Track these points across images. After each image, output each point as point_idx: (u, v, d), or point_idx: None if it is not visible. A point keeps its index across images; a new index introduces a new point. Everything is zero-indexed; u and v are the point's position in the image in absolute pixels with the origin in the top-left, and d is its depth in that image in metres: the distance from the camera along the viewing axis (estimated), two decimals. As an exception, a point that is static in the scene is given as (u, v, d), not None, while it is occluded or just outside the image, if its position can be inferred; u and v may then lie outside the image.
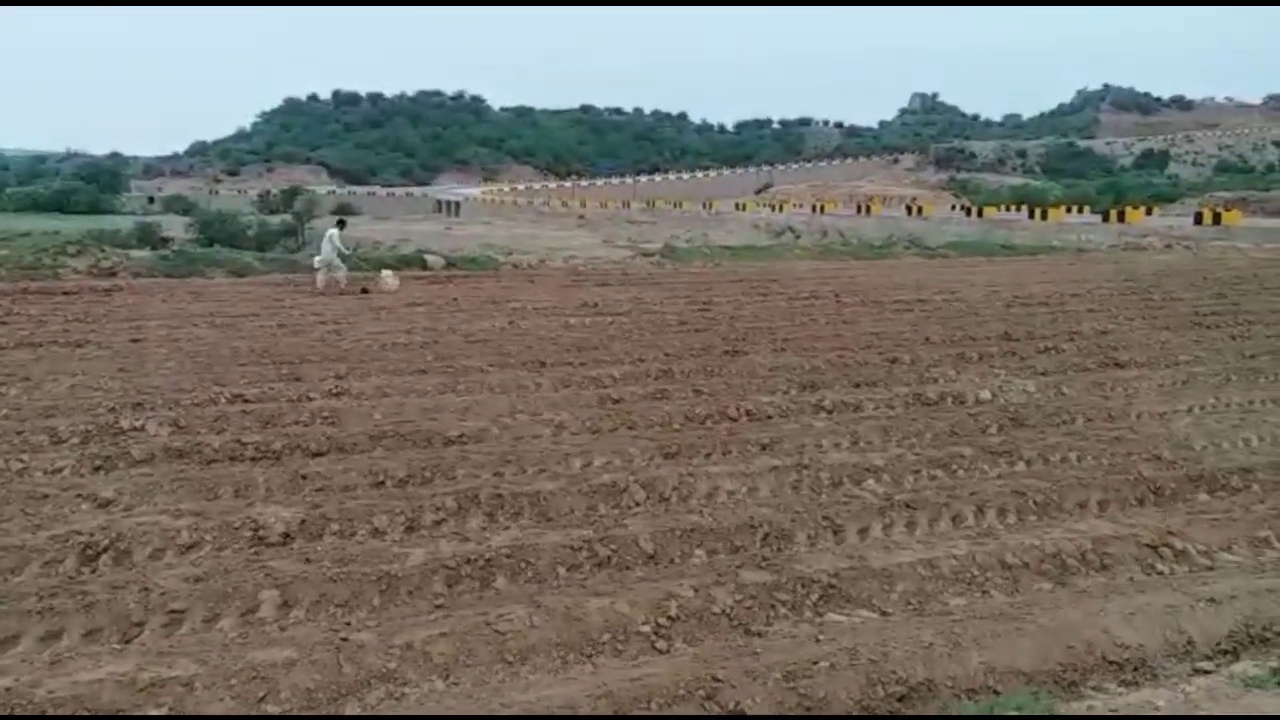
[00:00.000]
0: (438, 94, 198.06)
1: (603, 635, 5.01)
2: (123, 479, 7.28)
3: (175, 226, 29.14)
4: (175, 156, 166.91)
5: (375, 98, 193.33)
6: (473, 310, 16.23)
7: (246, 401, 9.58)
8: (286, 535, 6.32)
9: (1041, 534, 6.54)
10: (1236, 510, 7.12)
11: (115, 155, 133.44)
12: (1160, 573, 6.17)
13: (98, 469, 7.55)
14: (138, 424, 8.62)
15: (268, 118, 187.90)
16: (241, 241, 26.18)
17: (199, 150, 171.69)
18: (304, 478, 7.38)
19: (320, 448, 8.16)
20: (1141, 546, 6.39)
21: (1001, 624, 5.12)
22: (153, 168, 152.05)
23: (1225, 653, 5.11)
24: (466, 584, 5.67)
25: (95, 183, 64.77)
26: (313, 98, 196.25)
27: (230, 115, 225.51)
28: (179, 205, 53.04)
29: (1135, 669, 4.93)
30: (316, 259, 19.11)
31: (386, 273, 19.72)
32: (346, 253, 19.38)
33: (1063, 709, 4.13)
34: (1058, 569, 6.07)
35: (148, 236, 25.98)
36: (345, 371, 11.06)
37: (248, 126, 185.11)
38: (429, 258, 23.80)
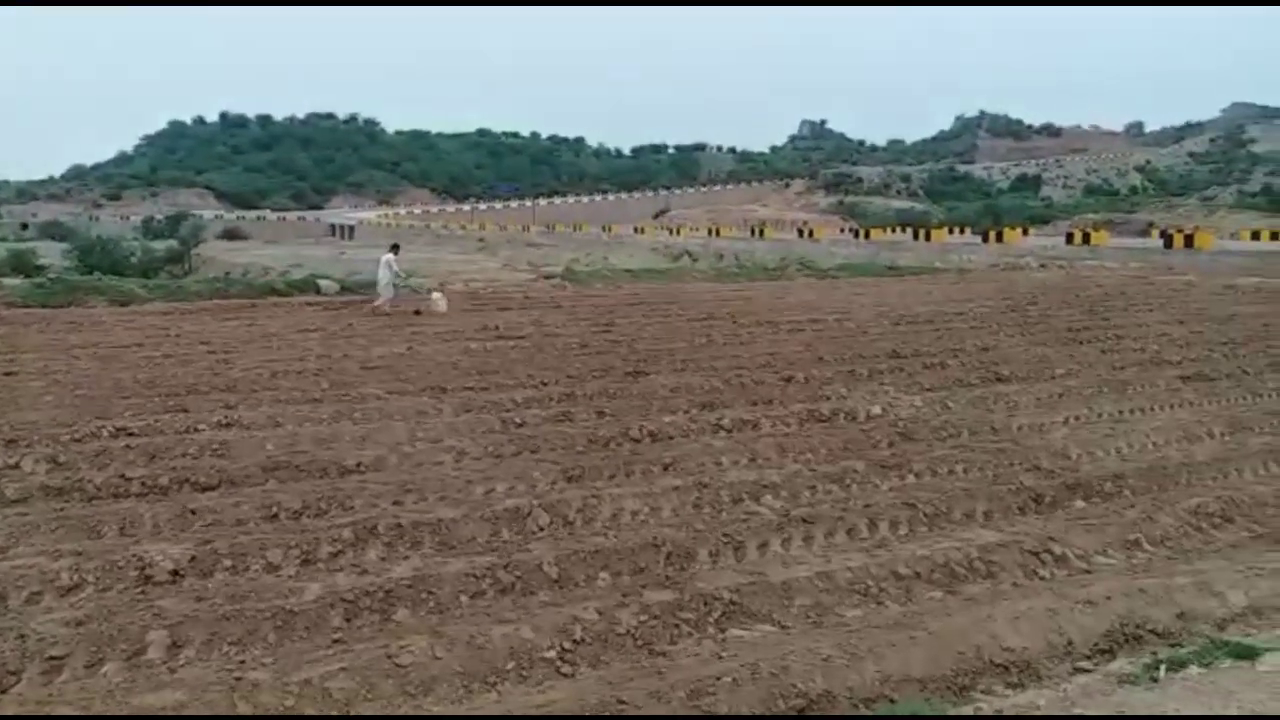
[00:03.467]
0: (329, 116, 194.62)
1: (507, 663, 4.99)
2: (-6, 521, 6.88)
3: (52, 253, 27.75)
4: (51, 180, 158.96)
5: (264, 120, 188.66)
6: (369, 336, 15.93)
7: (131, 435, 9.18)
8: (175, 573, 6.08)
9: (932, 544, 6.80)
10: (1110, 515, 7.53)
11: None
12: (1042, 577, 6.48)
13: (-35, 511, 7.12)
14: (12, 462, 8.17)
15: (151, 140, 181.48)
16: (125, 268, 25.17)
17: (77, 174, 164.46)
18: (193, 513, 7.12)
19: (210, 481, 7.89)
20: (1024, 553, 6.71)
21: (896, 633, 5.31)
22: (26, 192, 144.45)
23: (1103, 652, 5.40)
24: (366, 617, 5.55)
25: (-39, 208, 61.17)
26: (199, 120, 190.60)
27: (111, 138, 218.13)
28: (56, 231, 50.68)
29: (1020, 671, 5.17)
30: (378, 285, 19.63)
31: (437, 295, 19.90)
32: (402, 275, 19.90)
33: (952, 713, 4.29)
34: (947, 577, 6.32)
35: (22, 264, 24.74)
36: (235, 401, 10.71)
37: (129, 149, 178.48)
38: (322, 283, 23.28)
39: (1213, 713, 3.80)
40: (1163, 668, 4.58)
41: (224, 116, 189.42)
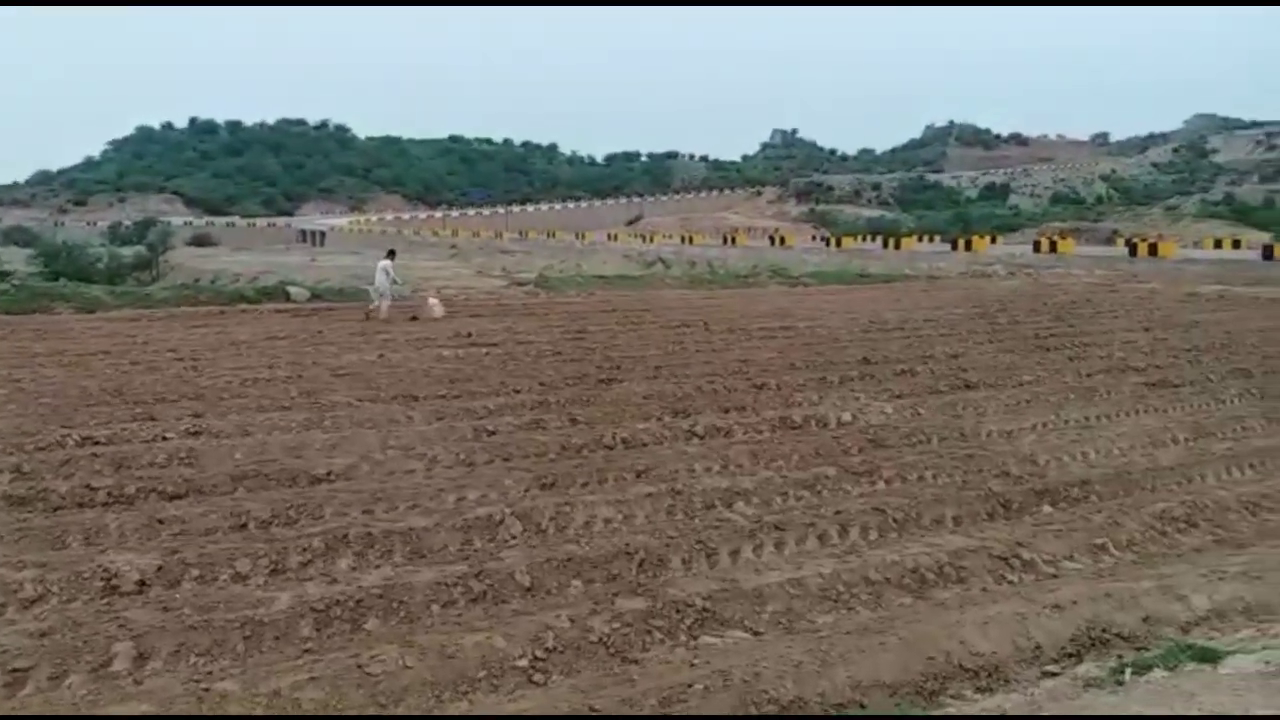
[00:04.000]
0: (300, 122, 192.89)
1: (479, 672, 4.97)
2: (-46, 532, 6.76)
3: (16, 259, 27.31)
4: (15, 185, 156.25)
5: (234, 126, 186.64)
6: (340, 343, 15.81)
7: (97, 444, 9.05)
8: (142, 583, 6.01)
9: (901, 549, 6.86)
10: (1077, 520, 7.64)
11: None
12: (1010, 582, 6.55)
13: (-75, 522, 6.99)
14: (-29, 472, 8.02)
15: (118, 146, 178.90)
16: (91, 275, 24.79)
17: (42, 179, 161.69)
18: (160, 522, 7.03)
19: (178, 490, 7.80)
20: (993, 558, 6.78)
21: (866, 639, 5.35)
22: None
23: (1070, 655, 5.47)
24: (336, 626, 5.51)
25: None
26: (167, 126, 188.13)
27: (77, 143, 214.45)
28: (20, 237, 49.81)
29: (989, 675, 5.22)
30: (372, 289, 19.93)
31: (433, 301, 20.13)
32: (399, 282, 20.21)
33: (917, 713, 4.33)
34: (917, 582, 6.37)
35: (-15, 271, 24.30)
36: (204, 410, 10.59)
37: (96, 155, 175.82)
38: (293, 290, 23.09)
39: (1174, 713, 3.87)
40: (1128, 671, 4.65)
41: (193, 122, 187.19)
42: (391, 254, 21.08)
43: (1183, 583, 6.30)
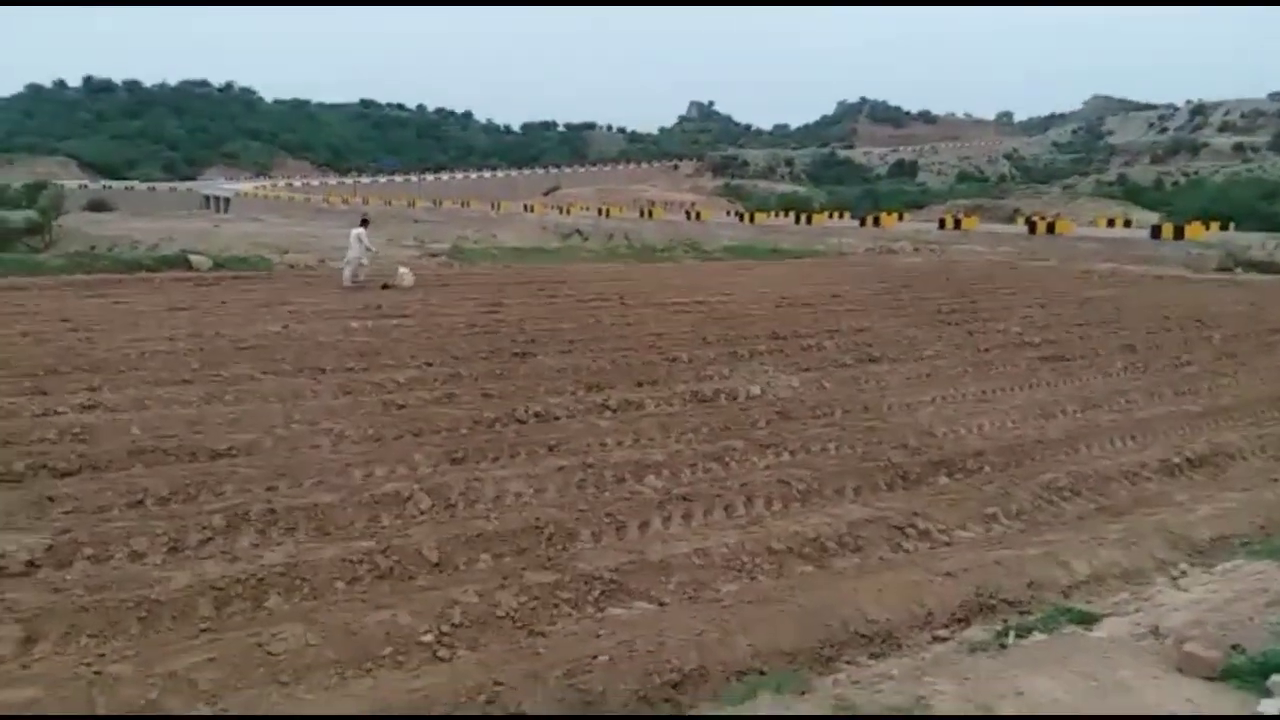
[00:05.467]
0: (204, 84, 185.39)
1: (383, 648, 4.95)
2: None
3: (-115, 222, 25.65)
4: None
5: (132, 86, 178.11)
6: (243, 314, 15.35)
7: (-22, 419, 8.64)
8: (30, 564, 5.79)
9: (804, 520, 7.06)
10: (971, 491, 7.96)
11: None
12: (906, 551, 6.81)
13: None
14: None
15: (6, 104, 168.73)
16: (-27, 240, 23.44)
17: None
18: (51, 500, 6.78)
19: (70, 467, 7.51)
20: (890, 528, 7.03)
21: (767, 608, 5.51)
22: None
23: (959, 620, 5.73)
24: (237, 605, 5.42)
25: None
26: (60, 84, 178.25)
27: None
28: (-110, 198, 46.61)
29: (883, 641, 5.44)
30: (345, 258, 20.01)
31: (404, 270, 20.30)
32: (372, 250, 20.30)
33: (816, 683, 4.50)
34: (818, 552, 6.57)
35: None
36: (99, 383, 10.19)
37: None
38: (194, 258, 22.27)
39: (1052, 678, 4.10)
40: (1011, 634, 4.89)
41: (88, 81, 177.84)
42: (365, 222, 21.00)
43: (1066, 550, 6.64)
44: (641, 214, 73.05)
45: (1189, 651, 4.14)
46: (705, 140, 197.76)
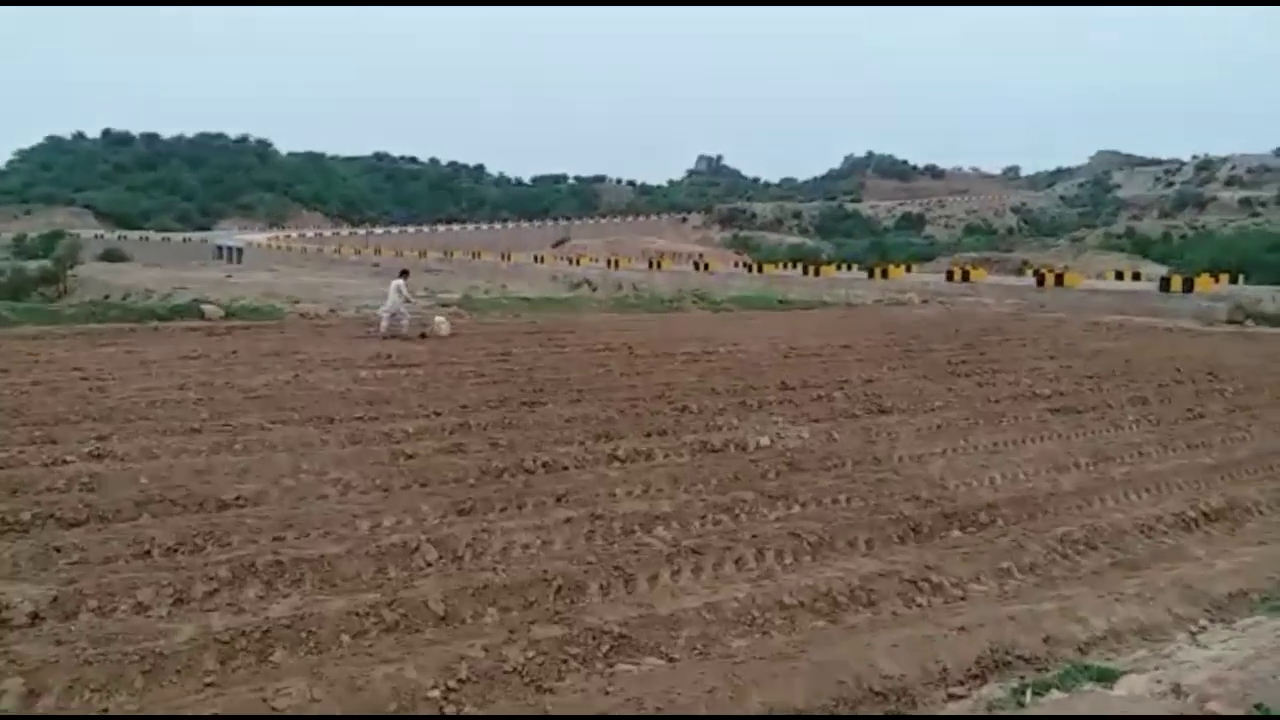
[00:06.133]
0: (220, 136, 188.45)
1: (389, 704, 4.87)
2: None
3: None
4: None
5: (150, 138, 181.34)
6: (253, 363, 15.41)
7: (-12, 468, 8.64)
8: (35, 615, 5.74)
9: (815, 573, 6.96)
10: (983, 544, 7.85)
11: None
12: (919, 605, 6.70)
13: None
14: None
15: (25, 156, 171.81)
16: (-9, 289, 23.70)
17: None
18: (57, 550, 6.74)
19: (77, 517, 7.48)
20: (903, 581, 6.93)
21: (779, 664, 5.40)
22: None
23: (975, 677, 5.60)
24: (241, 658, 5.35)
25: None
26: (79, 136, 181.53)
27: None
28: (-85, 249, 47.32)
29: (898, 698, 5.32)
30: (382, 308, 20.37)
31: (440, 318, 20.71)
32: (412, 301, 20.82)
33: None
34: (830, 606, 6.47)
35: None
36: (108, 432, 10.20)
37: (2, 165, 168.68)
38: (206, 307, 22.47)
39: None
40: (1029, 692, 4.80)
41: (107, 133, 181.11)
42: (405, 274, 21.73)
43: (1082, 604, 6.52)
44: (650, 265, 73.41)
45: (1211, 711, 4.05)
46: (714, 194, 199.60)
